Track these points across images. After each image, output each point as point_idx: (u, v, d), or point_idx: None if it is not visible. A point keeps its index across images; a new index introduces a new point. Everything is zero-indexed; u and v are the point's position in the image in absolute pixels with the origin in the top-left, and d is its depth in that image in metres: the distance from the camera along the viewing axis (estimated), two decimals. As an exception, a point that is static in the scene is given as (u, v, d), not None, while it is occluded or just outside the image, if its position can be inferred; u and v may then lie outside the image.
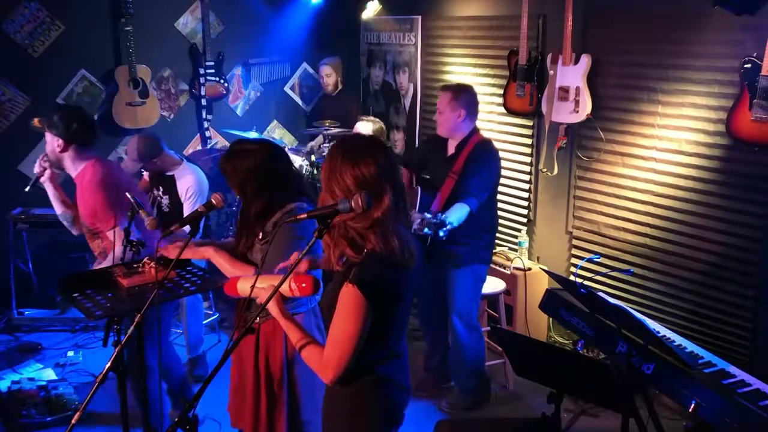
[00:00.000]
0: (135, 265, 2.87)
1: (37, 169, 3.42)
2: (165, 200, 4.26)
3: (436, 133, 4.01)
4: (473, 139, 3.82)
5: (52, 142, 3.29)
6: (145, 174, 4.55)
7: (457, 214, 3.53)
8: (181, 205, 4.19)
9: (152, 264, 2.79)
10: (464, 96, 3.81)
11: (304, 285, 2.15)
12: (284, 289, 2.14)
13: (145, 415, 2.81)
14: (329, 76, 6.10)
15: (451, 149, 3.88)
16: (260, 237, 2.67)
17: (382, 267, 1.98)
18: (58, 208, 3.52)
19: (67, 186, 3.57)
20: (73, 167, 3.34)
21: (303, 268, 2.33)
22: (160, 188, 4.27)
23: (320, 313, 2.81)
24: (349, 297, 1.96)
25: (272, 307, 2.12)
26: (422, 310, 4.21)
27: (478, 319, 4.44)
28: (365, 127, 4.96)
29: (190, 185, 4.14)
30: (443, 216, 3.37)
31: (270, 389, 2.73)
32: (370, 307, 1.96)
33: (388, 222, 2.01)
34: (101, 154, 3.52)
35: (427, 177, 4.02)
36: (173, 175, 4.21)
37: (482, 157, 3.76)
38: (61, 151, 3.29)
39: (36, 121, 3.43)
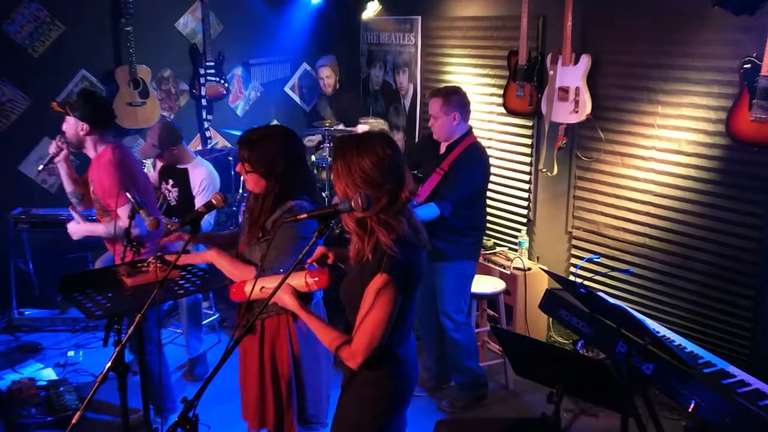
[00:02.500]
0: (139, 264, 2.87)
1: (53, 149, 3.62)
2: (174, 193, 4.29)
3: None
4: (465, 142, 3.81)
5: (75, 125, 3.49)
6: (153, 173, 4.57)
7: (423, 212, 3.61)
8: (191, 198, 4.23)
9: (157, 263, 2.79)
10: (455, 98, 3.79)
11: (317, 279, 2.18)
12: (299, 284, 2.18)
13: (145, 410, 2.82)
14: (329, 77, 6.11)
15: (443, 148, 3.89)
16: (260, 236, 2.66)
17: (409, 252, 2.08)
18: (68, 186, 3.72)
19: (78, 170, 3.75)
20: (94, 149, 3.55)
21: (330, 260, 2.37)
22: (170, 181, 4.31)
23: (323, 306, 2.83)
24: (381, 286, 2.05)
25: (291, 303, 2.20)
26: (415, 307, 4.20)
27: (477, 318, 4.45)
28: (364, 130, 4.95)
29: (204, 177, 4.23)
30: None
31: (277, 387, 2.73)
32: (400, 294, 2.07)
33: (409, 204, 2.16)
34: (118, 140, 3.78)
35: (420, 175, 4.06)
36: (186, 168, 4.25)
37: (467, 164, 3.76)
38: (85, 134, 3.49)
39: (55, 104, 3.62)
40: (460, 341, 3.96)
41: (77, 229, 3.71)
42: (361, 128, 4.90)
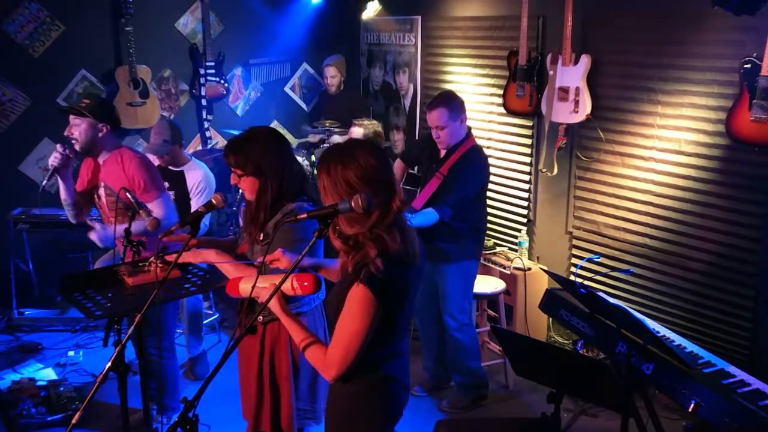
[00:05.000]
0: (141, 264, 2.87)
1: (57, 161, 3.44)
2: (171, 195, 4.28)
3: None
4: (464, 146, 3.80)
5: (93, 128, 3.43)
6: None
7: (423, 218, 3.61)
8: (187, 200, 4.22)
9: (158, 263, 2.78)
10: (458, 102, 3.79)
11: (305, 284, 2.16)
12: (286, 288, 2.14)
13: (145, 410, 2.82)
14: (334, 77, 6.10)
15: (442, 151, 3.88)
16: (261, 238, 2.67)
17: (392, 266, 1.99)
18: (70, 196, 3.61)
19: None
20: (107, 151, 3.52)
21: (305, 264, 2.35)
22: (165, 184, 4.30)
23: (324, 313, 2.83)
24: (358, 296, 1.97)
25: (274, 306, 2.13)
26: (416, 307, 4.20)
27: (477, 318, 4.46)
28: (358, 132, 4.92)
29: (200, 179, 4.21)
30: (410, 216, 3.46)
31: (275, 390, 2.74)
32: (379, 306, 1.98)
33: (402, 215, 2.08)
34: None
35: (418, 175, 4.05)
36: (182, 170, 4.24)
37: (467, 168, 3.76)
38: (103, 135, 3.47)
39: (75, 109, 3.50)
40: (462, 342, 3.96)
41: (105, 234, 3.53)
42: (355, 130, 4.87)
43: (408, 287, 2.08)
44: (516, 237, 4.97)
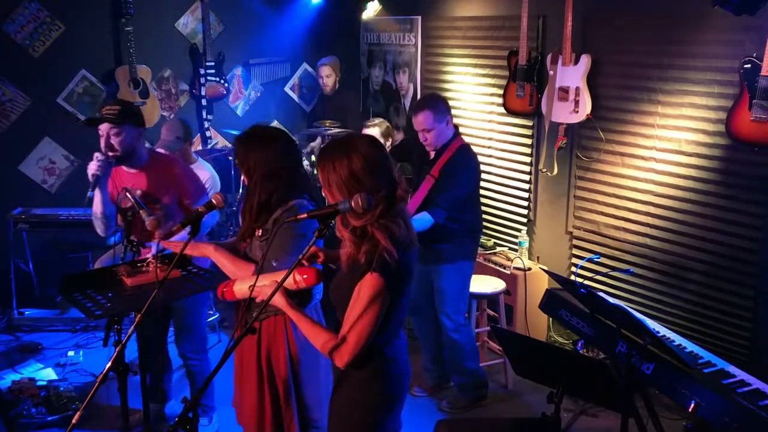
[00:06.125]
0: (139, 264, 2.87)
1: (100, 169, 3.16)
2: None
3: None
4: (453, 145, 3.81)
5: (134, 133, 3.25)
6: None
7: (417, 224, 3.61)
8: None
9: (157, 263, 2.78)
10: (442, 104, 3.80)
11: (305, 276, 2.18)
12: (288, 282, 2.17)
13: (145, 410, 2.82)
14: (329, 77, 6.10)
15: (432, 153, 3.88)
16: (260, 234, 2.67)
17: (399, 252, 2.07)
18: (107, 208, 3.28)
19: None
20: (143, 154, 3.36)
21: (320, 260, 2.39)
22: None
23: (320, 309, 2.83)
24: (372, 285, 2.04)
25: (279, 301, 2.18)
26: (411, 308, 4.20)
27: (477, 318, 4.46)
28: (373, 132, 4.92)
29: (207, 178, 4.26)
30: None
31: (274, 389, 2.73)
32: (389, 293, 2.06)
33: (405, 203, 2.16)
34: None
35: (409, 176, 4.06)
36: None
37: (457, 169, 3.77)
38: (139, 139, 3.31)
39: (105, 109, 3.28)
40: (460, 342, 3.96)
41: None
42: (369, 131, 4.87)
43: (411, 270, 2.16)
44: (516, 237, 4.96)
